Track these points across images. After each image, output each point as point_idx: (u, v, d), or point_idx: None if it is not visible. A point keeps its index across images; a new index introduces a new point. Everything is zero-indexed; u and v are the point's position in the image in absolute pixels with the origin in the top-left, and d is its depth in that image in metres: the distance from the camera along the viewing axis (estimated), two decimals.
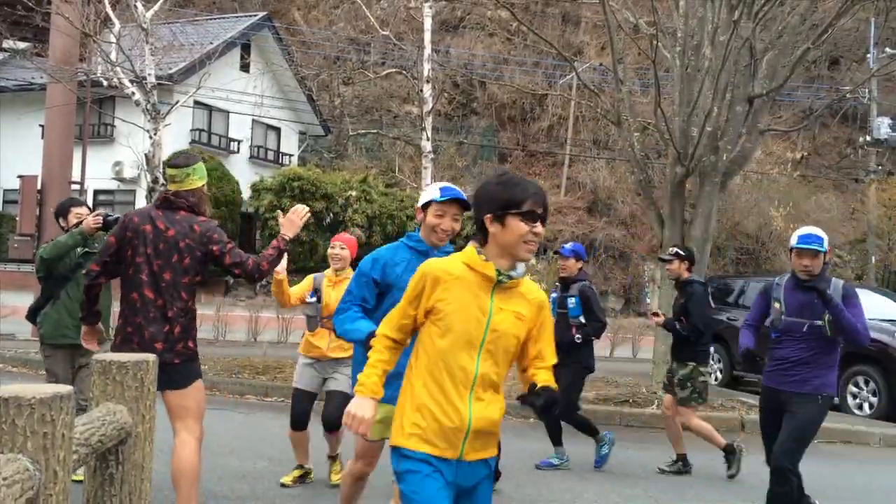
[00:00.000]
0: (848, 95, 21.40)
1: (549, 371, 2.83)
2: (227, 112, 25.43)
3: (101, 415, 2.39)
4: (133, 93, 11.18)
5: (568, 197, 29.77)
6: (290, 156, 28.84)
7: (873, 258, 24.13)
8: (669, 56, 10.65)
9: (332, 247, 5.66)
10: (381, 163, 28.55)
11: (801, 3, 10.20)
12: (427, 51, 11.61)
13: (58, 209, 5.69)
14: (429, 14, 11.69)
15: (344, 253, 5.59)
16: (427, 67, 11.57)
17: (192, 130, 24.72)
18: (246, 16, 28.02)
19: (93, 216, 5.17)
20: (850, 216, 27.39)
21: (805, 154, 30.27)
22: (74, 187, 14.91)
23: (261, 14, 27.93)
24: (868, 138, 24.94)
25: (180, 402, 4.11)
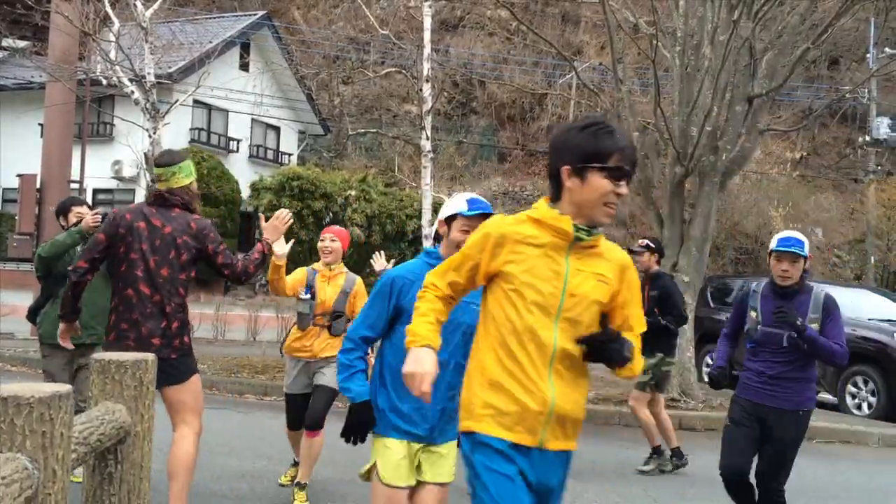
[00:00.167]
0: (847, 95, 21.40)
1: (638, 341, 2.51)
2: (227, 111, 25.42)
3: (100, 414, 2.39)
4: (132, 91, 11.17)
5: None
6: (290, 155, 28.83)
7: (872, 258, 24.12)
8: (669, 56, 10.65)
9: (322, 239, 5.38)
10: (381, 162, 28.54)
11: (801, 3, 10.21)
12: (427, 50, 11.60)
13: (58, 208, 5.70)
14: (428, 13, 11.68)
15: (335, 245, 5.31)
16: (426, 67, 11.56)
17: (192, 129, 24.71)
18: (245, 15, 28.01)
19: (91, 215, 5.18)
20: (850, 216, 27.37)
21: (804, 154, 30.25)
22: (74, 186, 14.89)
23: (260, 13, 27.92)
24: (867, 138, 24.94)
25: (178, 398, 4.14)
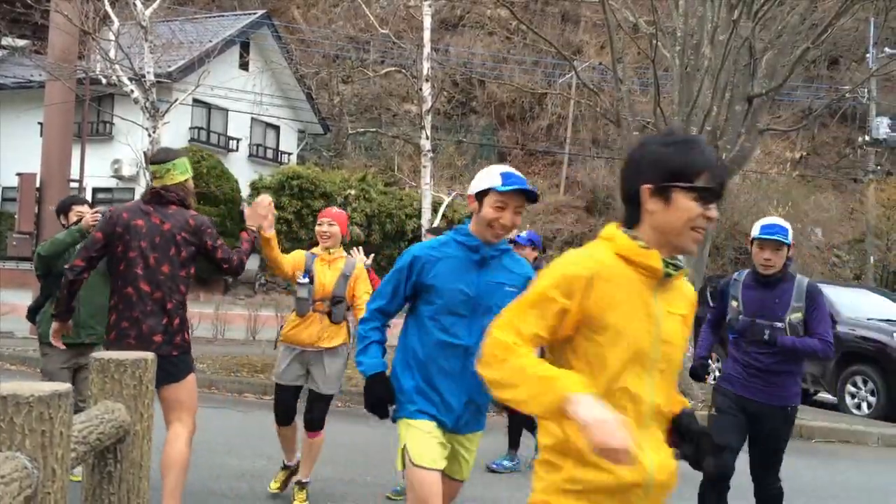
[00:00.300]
0: (847, 95, 21.40)
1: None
2: (227, 110, 25.41)
3: (100, 413, 2.39)
4: (132, 91, 11.17)
5: (567, 196, 29.79)
6: (289, 154, 28.83)
7: (872, 258, 24.13)
8: (669, 55, 10.65)
9: (320, 223, 5.17)
10: (381, 161, 28.54)
11: (801, 3, 10.21)
12: (426, 49, 11.61)
13: (59, 206, 5.70)
14: (428, 13, 11.68)
15: (333, 230, 5.12)
16: (426, 66, 11.57)
17: (191, 129, 24.70)
18: (245, 14, 27.99)
19: (91, 214, 5.17)
20: (849, 216, 27.37)
21: (804, 154, 30.26)
22: (73, 185, 14.88)
23: (260, 12, 27.90)
24: (867, 138, 24.95)
25: (175, 396, 4.16)
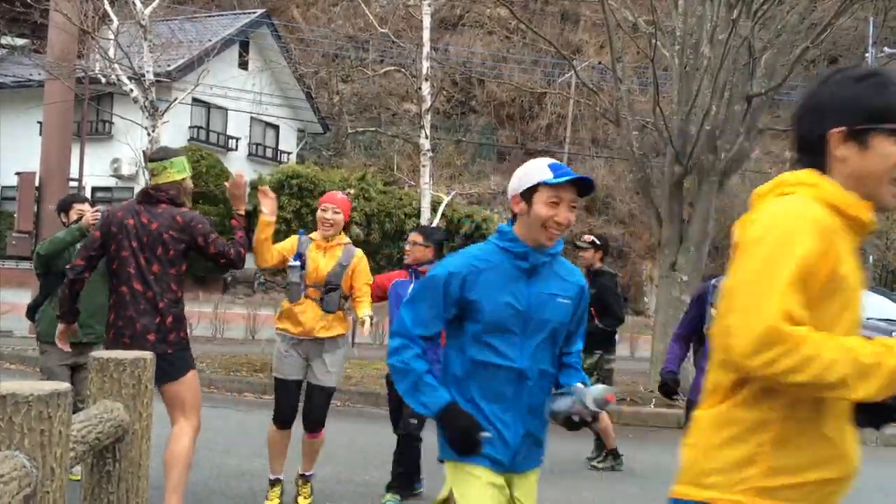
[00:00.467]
0: None
1: None
2: (226, 109, 25.40)
3: (99, 412, 2.39)
4: (131, 90, 11.17)
5: None
6: (289, 153, 28.83)
7: (871, 258, 24.16)
8: (668, 55, 10.65)
9: (324, 209, 4.83)
10: (380, 161, 28.53)
11: (800, 2, 10.21)
12: (426, 48, 11.60)
13: (60, 204, 5.71)
14: (427, 12, 11.68)
15: (338, 217, 4.83)
16: (426, 65, 11.57)
17: (191, 128, 24.70)
18: (244, 13, 27.97)
19: (91, 212, 5.17)
20: None
21: None
22: (72, 184, 14.88)
23: (259, 11, 27.89)
24: None
25: (176, 394, 4.17)
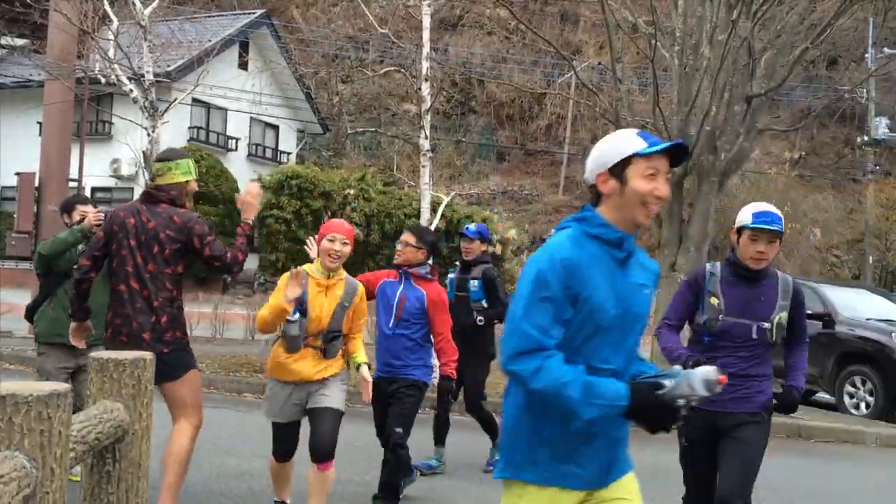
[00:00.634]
0: (846, 95, 21.42)
1: None
2: (226, 110, 25.42)
3: (98, 412, 2.39)
4: (131, 90, 11.16)
5: (566, 196, 29.79)
6: (288, 154, 28.84)
7: (871, 258, 24.16)
8: (668, 55, 10.65)
9: (332, 240, 4.30)
10: (380, 161, 28.54)
11: (800, 3, 10.21)
12: (426, 49, 11.59)
13: (63, 205, 5.72)
14: (427, 12, 11.67)
15: (346, 250, 4.33)
16: (425, 66, 11.56)
17: (191, 128, 24.71)
18: (244, 13, 27.99)
19: (93, 214, 5.16)
20: (848, 216, 27.38)
21: (803, 154, 30.26)
22: (72, 185, 14.88)
23: (259, 12, 27.91)
24: (866, 138, 24.96)
25: (175, 393, 4.18)
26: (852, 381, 10.45)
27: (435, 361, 5.16)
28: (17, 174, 16.91)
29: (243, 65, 26.35)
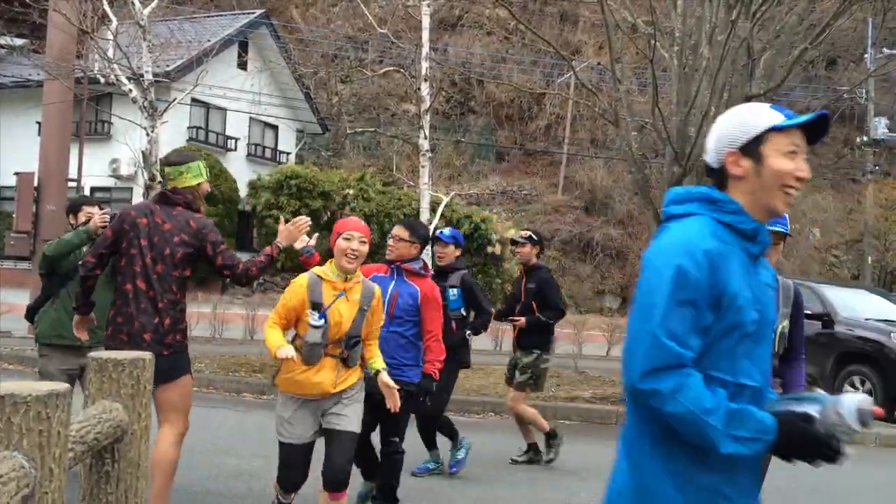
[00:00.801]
0: (845, 96, 21.43)
1: None
2: (225, 110, 25.40)
3: (97, 412, 2.39)
4: (130, 90, 11.16)
5: (565, 196, 29.81)
6: (288, 154, 28.83)
7: (870, 258, 24.18)
8: (667, 55, 10.66)
9: (349, 238, 3.92)
10: (379, 161, 28.56)
11: (799, 3, 10.21)
12: (425, 49, 11.60)
13: (69, 206, 5.74)
14: (427, 12, 11.67)
15: (364, 249, 3.97)
16: (425, 66, 11.56)
17: (190, 128, 24.70)
18: (244, 13, 27.98)
19: (99, 215, 5.14)
20: (847, 216, 27.41)
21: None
22: (71, 185, 14.87)
23: (258, 12, 27.90)
24: (865, 138, 24.99)
25: (166, 396, 4.15)
26: (851, 381, 10.45)
27: None
28: (16, 174, 16.87)
29: (242, 65, 26.35)
